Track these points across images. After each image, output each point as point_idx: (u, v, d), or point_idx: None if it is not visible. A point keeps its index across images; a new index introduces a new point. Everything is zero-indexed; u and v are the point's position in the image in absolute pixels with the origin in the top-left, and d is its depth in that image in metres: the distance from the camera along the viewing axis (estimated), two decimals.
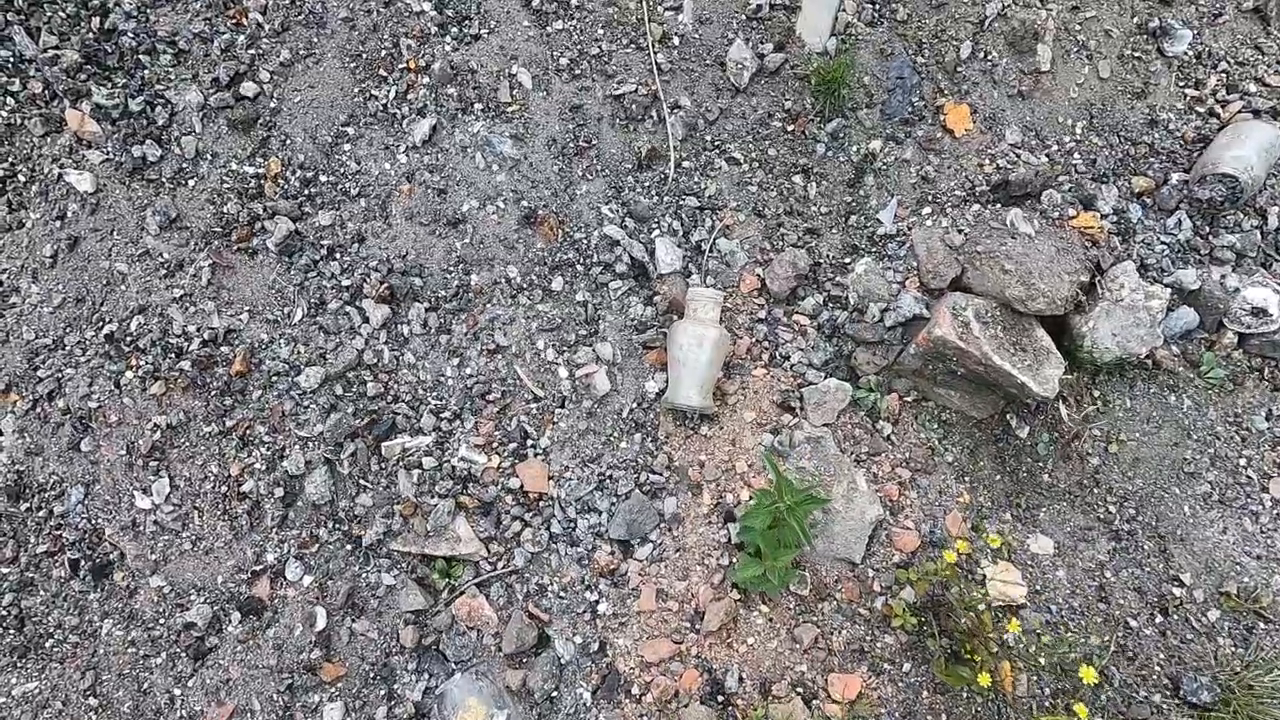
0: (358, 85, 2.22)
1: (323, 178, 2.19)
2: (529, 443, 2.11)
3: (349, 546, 2.06)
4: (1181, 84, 2.27)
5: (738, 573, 1.93)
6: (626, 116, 2.24)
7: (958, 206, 2.18)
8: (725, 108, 2.27)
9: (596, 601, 2.02)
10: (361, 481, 2.07)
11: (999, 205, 2.15)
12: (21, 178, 2.22)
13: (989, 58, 2.24)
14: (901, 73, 2.26)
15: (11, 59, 2.19)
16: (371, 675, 2.00)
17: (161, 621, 2.03)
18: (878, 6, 2.28)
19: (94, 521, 2.08)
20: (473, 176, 2.19)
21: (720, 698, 1.89)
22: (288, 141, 2.19)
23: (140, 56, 2.21)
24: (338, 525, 2.06)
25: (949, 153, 2.23)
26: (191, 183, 2.17)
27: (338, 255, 2.16)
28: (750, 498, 2.07)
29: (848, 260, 2.24)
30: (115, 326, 2.11)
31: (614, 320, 2.18)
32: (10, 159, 2.23)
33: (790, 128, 2.28)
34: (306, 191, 2.18)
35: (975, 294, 2.08)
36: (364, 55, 2.23)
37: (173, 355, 2.07)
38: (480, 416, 2.11)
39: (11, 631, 2.08)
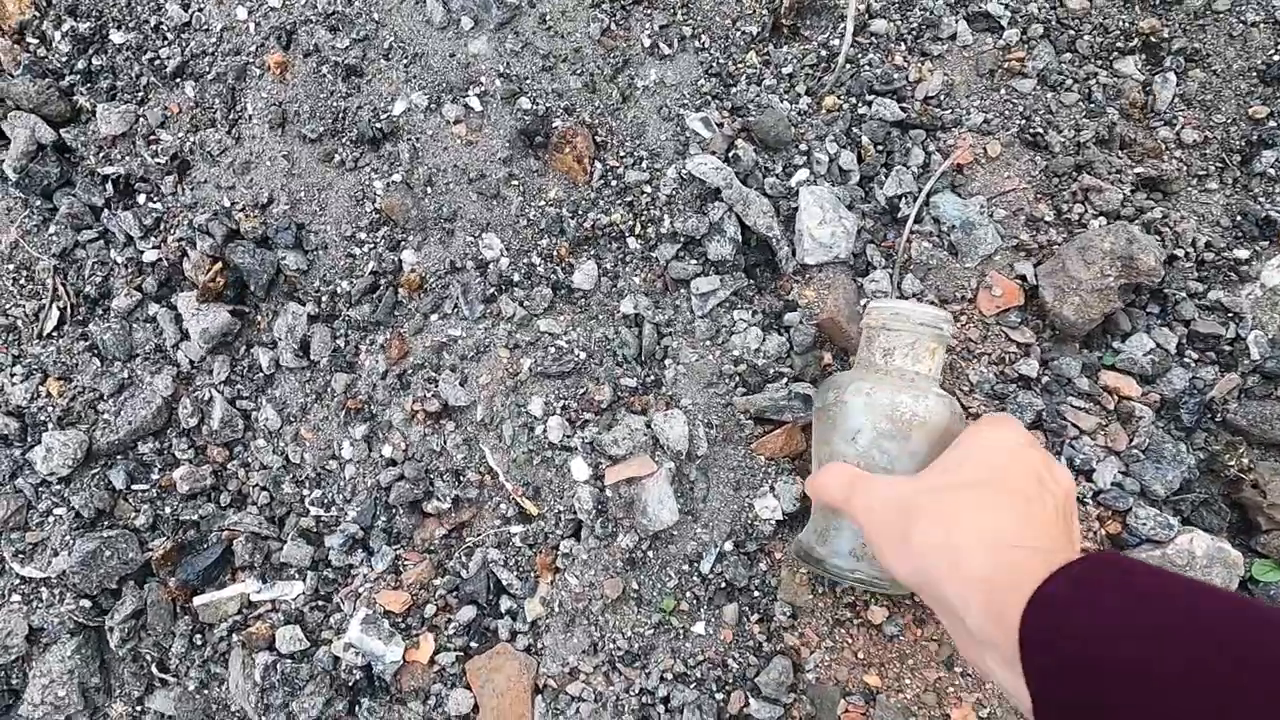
0: None
1: (115, 35, 1.08)
2: (502, 611, 1.00)
3: None
4: None
5: None
6: None
7: None
8: None
9: None
10: (154, 672, 1.01)
11: None
12: None
13: None
14: None
15: None
16: None
17: None
18: None
19: None
20: (417, 40, 1.04)
21: None
22: None
23: None
24: None
25: None
26: None
27: (137, 197, 1.07)
28: None
29: (1241, 255, 0.98)
30: None
31: (695, 361, 1.00)
32: None
33: None
34: (80, 64, 1.08)
35: None
36: None
37: None
38: (405, 547, 1.01)
39: None
